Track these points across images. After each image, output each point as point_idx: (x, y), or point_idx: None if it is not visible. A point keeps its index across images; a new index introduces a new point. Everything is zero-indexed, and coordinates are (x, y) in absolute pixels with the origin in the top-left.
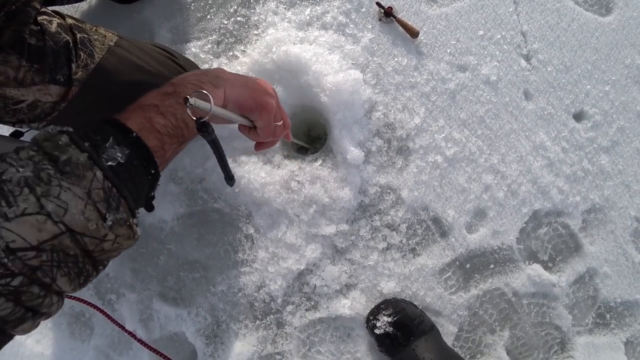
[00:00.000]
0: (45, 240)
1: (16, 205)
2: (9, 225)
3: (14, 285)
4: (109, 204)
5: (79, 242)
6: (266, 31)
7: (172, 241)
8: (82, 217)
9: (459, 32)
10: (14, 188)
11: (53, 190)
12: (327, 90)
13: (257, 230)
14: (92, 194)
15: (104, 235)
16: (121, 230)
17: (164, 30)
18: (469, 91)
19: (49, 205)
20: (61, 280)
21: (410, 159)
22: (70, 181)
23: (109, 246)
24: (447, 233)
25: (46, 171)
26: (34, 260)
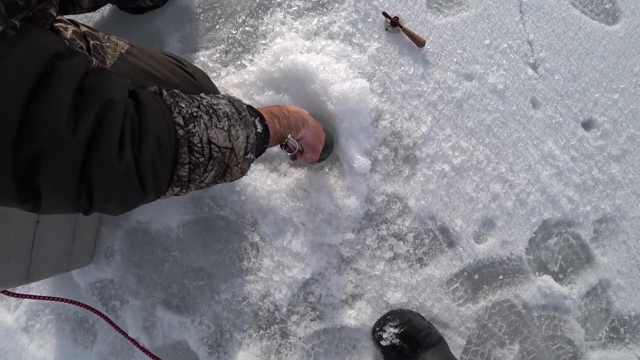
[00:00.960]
0: (224, 147)
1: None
2: (216, 130)
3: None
4: (252, 148)
5: (231, 158)
6: (274, 41)
7: (177, 248)
8: (241, 145)
9: (465, 41)
10: (220, 113)
11: (237, 124)
12: (334, 99)
13: (263, 238)
14: (249, 137)
15: (239, 162)
16: (245, 165)
17: (173, 39)
18: (475, 100)
19: (232, 130)
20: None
21: (417, 168)
22: (243, 126)
23: (234, 171)
24: (454, 243)
25: (235, 115)
26: (216, 153)
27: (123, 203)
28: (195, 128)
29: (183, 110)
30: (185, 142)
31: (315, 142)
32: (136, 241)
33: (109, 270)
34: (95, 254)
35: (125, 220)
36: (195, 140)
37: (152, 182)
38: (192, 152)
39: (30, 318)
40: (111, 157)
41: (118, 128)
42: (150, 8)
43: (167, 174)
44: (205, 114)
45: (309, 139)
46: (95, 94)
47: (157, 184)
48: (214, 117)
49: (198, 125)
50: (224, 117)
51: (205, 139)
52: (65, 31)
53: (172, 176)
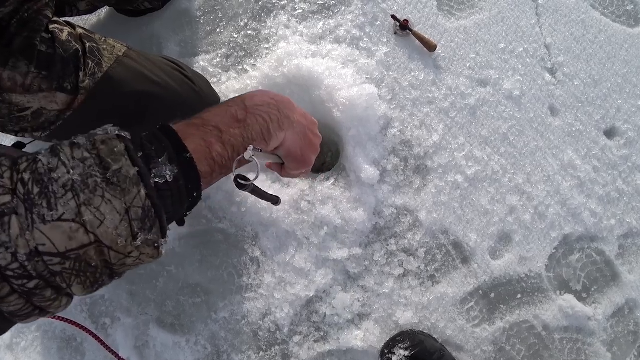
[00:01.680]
0: (73, 249)
1: (56, 209)
2: (44, 228)
3: (29, 287)
4: (144, 224)
5: (103, 255)
6: (277, 45)
7: (172, 263)
8: (115, 232)
9: (479, 45)
10: (58, 190)
11: (95, 200)
12: (341, 106)
13: (264, 253)
14: (130, 210)
15: (129, 252)
16: (147, 249)
17: (172, 43)
18: (490, 107)
19: (87, 214)
20: (76, 287)
21: (428, 179)
22: (114, 194)
23: (130, 262)
24: (469, 259)
25: (94, 178)
26: (57, 266)
27: None
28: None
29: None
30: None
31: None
32: None
33: None
34: None
35: None
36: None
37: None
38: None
39: (15, 335)
40: None
41: None
42: (149, 11)
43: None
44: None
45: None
46: None
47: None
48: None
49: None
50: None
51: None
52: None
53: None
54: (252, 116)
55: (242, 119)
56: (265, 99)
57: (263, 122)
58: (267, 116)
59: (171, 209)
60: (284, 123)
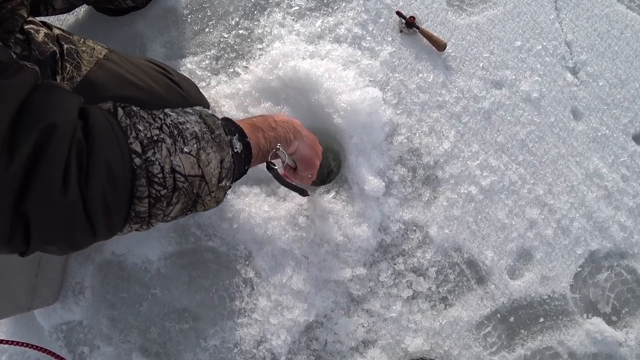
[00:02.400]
0: (191, 175)
1: (187, 145)
2: (181, 156)
3: (160, 194)
4: (228, 173)
5: (201, 187)
6: (271, 45)
7: (157, 285)
8: (213, 172)
9: (493, 43)
10: (188, 135)
11: (208, 148)
12: (342, 111)
13: (258, 273)
14: (224, 161)
15: (212, 190)
16: (220, 194)
17: (157, 44)
18: (506, 111)
19: (202, 154)
20: (179, 205)
21: (439, 191)
22: (217, 148)
23: (207, 200)
24: (485, 279)
25: (207, 135)
26: (181, 183)
27: (67, 245)
28: (156, 155)
29: (141, 134)
30: (144, 173)
31: (312, 156)
32: (110, 276)
33: (78, 311)
34: (61, 290)
35: (98, 252)
36: (156, 169)
37: (103, 221)
38: (152, 184)
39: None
40: (53, 193)
41: (62, 158)
42: (131, 9)
43: (121, 211)
44: (169, 136)
45: (304, 152)
46: (37, 117)
47: (109, 223)
48: (179, 139)
49: (159, 152)
50: (191, 139)
51: (167, 168)
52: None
53: (129, 212)
54: (280, 127)
55: (275, 128)
56: (284, 118)
57: (286, 132)
58: (287, 129)
59: (237, 171)
60: (297, 136)
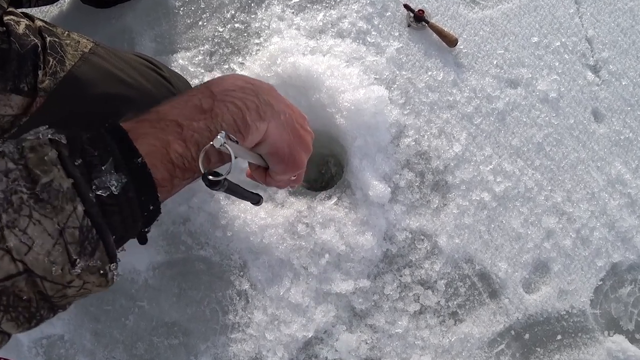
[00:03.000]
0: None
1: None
2: None
3: None
4: (83, 248)
5: (36, 286)
6: (270, 40)
7: (145, 297)
8: (47, 259)
9: (508, 39)
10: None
11: (21, 221)
12: (345, 111)
13: (254, 285)
14: (65, 232)
15: (69, 281)
16: (92, 277)
17: (146, 39)
18: (522, 112)
19: (12, 239)
20: (7, 325)
21: (449, 197)
22: (43, 212)
23: (73, 292)
24: (498, 292)
25: (19, 194)
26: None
27: None
28: None
29: None
30: None
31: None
32: None
33: (59, 324)
34: None
35: None
36: None
37: None
38: None
39: None
40: None
41: None
42: (119, 1)
43: None
44: None
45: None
46: None
47: None
48: None
49: None
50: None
51: None
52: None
53: None
54: (222, 104)
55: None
56: (238, 83)
57: (236, 111)
58: (241, 103)
59: (121, 228)
60: (265, 112)
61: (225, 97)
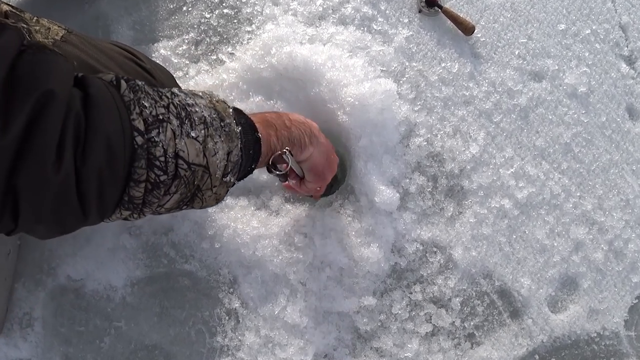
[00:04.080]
0: (195, 164)
1: (194, 130)
2: (186, 140)
3: (160, 180)
4: (234, 168)
5: (203, 179)
6: (263, 27)
7: (122, 317)
8: (219, 164)
9: (531, 26)
10: (195, 119)
11: (216, 136)
12: (348, 107)
13: (245, 303)
14: (232, 154)
15: (214, 185)
16: (222, 190)
17: (123, 26)
18: (547, 108)
19: (210, 143)
20: (177, 196)
21: (465, 204)
22: (225, 138)
23: (207, 196)
24: (520, 312)
25: (217, 122)
26: (183, 171)
27: (56, 225)
28: (160, 136)
29: (145, 111)
30: (144, 154)
31: (325, 167)
32: (65, 306)
33: (26, 347)
34: (5, 323)
35: (50, 276)
36: (158, 152)
37: (95, 202)
38: (152, 167)
39: None
40: (45, 166)
41: (57, 129)
42: None
43: (116, 192)
44: (176, 117)
45: (317, 161)
46: (31, 83)
47: (101, 204)
48: (187, 122)
49: (163, 133)
50: (199, 123)
51: (171, 152)
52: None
53: (122, 196)
54: (295, 127)
55: (289, 127)
56: (300, 119)
57: (302, 134)
58: (303, 131)
59: (243, 168)
60: (313, 141)
61: (296, 124)
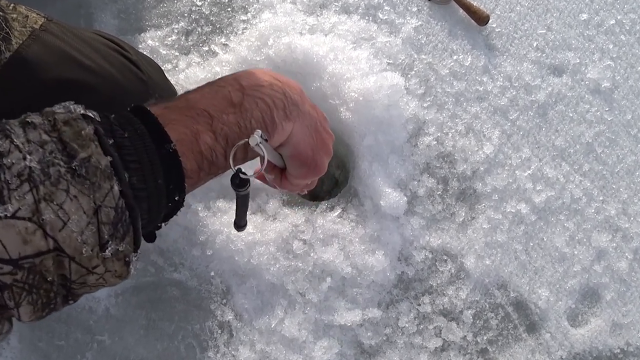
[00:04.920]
0: (27, 256)
1: (10, 202)
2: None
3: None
4: (116, 230)
5: (62, 268)
6: (259, 16)
7: (105, 330)
8: (80, 237)
9: (551, 15)
10: (12, 179)
11: (58, 195)
12: (351, 103)
13: (239, 315)
14: (100, 211)
15: (94, 266)
16: (116, 265)
17: (107, 14)
18: (568, 105)
19: (48, 212)
20: (24, 308)
21: (478, 209)
22: (81, 188)
23: (92, 281)
24: (537, 326)
25: (57, 167)
26: (7, 276)
27: None
28: None
29: None
30: None
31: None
32: (44, 318)
33: None
34: None
35: None
36: None
37: None
38: None
39: None
40: None
41: None
42: None
43: None
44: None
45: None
46: None
47: None
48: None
49: None
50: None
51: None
52: None
53: None
54: (251, 99)
55: (238, 103)
56: (267, 79)
57: (265, 108)
58: (270, 100)
59: (146, 216)
60: (291, 111)
61: (254, 92)
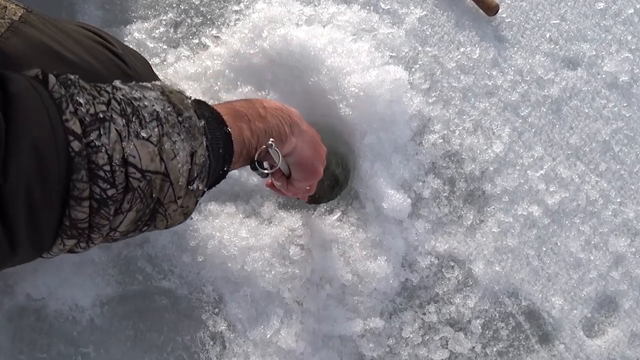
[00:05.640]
0: (150, 171)
1: (146, 128)
2: (136, 142)
3: (107, 195)
4: (201, 172)
5: (163, 190)
6: (253, 6)
7: (90, 341)
8: (181, 169)
9: (565, 4)
10: (147, 115)
11: (173, 135)
12: (352, 98)
13: (232, 326)
14: (196, 155)
15: (179, 196)
16: (189, 202)
17: (91, 5)
18: (583, 100)
19: (167, 144)
20: (131, 214)
21: (487, 212)
22: (186, 135)
23: (171, 210)
24: (551, 336)
25: (173, 116)
26: (136, 181)
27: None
28: (102, 139)
29: (81, 110)
30: (84, 163)
31: (314, 158)
32: (24, 329)
33: None
34: None
35: (7, 294)
36: (101, 159)
37: (26, 231)
38: (96, 179)
39: None
40: None
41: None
42: None
43: (52, 215)
44: (120, 115)
45: (303, 153)
46: None
47: (35, 233)
48: (135, 120)
49: (106, 135)
50: (151, 120)
51: (118, 158)
52: None
53: (62, 220)
54: (271, 116)
55: (264, 116)
56: (278, 105)
57: (280, 124)
58: (281, 119)
59: (215, 169)
60: (294, 130)
61: (273, 112)
